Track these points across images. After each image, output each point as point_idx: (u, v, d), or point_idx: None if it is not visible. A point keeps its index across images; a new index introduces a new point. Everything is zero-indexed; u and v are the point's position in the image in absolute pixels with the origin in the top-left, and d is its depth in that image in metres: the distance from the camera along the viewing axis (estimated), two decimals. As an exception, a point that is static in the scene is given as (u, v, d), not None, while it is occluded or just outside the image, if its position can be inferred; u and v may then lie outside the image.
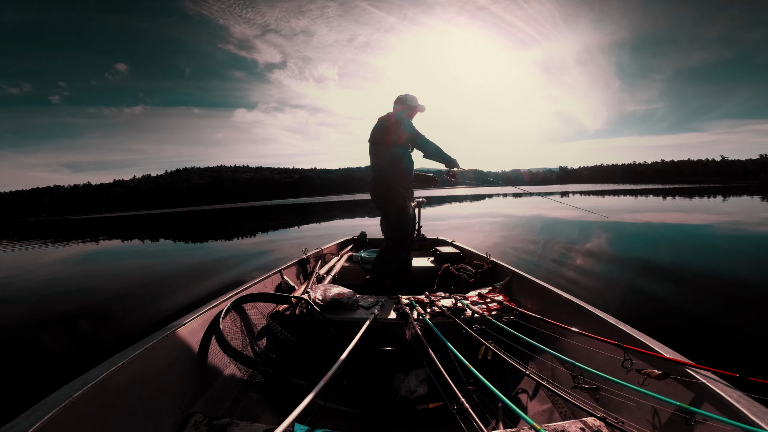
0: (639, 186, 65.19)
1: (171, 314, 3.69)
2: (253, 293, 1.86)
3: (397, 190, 2.57)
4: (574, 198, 27.15)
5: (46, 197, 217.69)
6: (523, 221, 11.23)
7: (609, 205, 17.30)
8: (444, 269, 2.66)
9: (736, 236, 6.81)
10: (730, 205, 14.50)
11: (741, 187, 38.18)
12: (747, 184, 54.86)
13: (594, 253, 5.68)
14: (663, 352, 1.09)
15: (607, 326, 1.35)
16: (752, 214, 10.64)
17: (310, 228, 13.34)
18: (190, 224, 21.75)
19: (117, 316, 3.81)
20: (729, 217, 9.86)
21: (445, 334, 1.50)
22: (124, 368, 1.07)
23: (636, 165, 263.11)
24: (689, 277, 4.14)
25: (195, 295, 4.35)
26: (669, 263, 4.74)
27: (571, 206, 3.48)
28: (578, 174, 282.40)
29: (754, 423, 0.76)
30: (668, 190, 34.52)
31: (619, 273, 4.58)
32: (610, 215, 11.12)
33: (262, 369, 1.42)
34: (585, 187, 73.04)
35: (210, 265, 6.59)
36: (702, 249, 5.64)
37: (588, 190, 50.57)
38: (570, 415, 1.27)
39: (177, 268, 6.46)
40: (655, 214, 11.77)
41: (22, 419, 0.82)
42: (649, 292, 3.68)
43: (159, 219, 34.09)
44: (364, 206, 28.48)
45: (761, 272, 4.18)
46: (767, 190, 28.22)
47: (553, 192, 44.51)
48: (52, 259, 8.95)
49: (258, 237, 11.68)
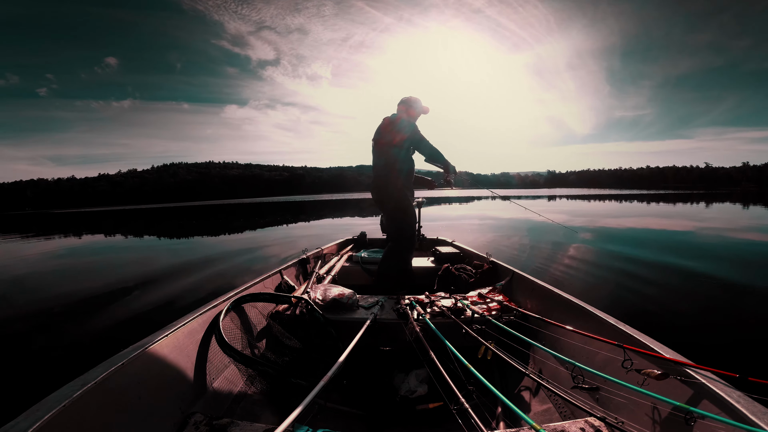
0: (624, 191, 66.31)
1: (152, 313, 3.65)
2: (253, 293, 1.85)
3: (391, 190, 2.58)
4: (561, 202, 27.50)
5: (29, 190, 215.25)
6: (512, 223, 11.40)
7: (592, 209, 17.53)
8: (444, 269, 2.67)
9: (716, 243, 7.02)
10: (712, 212, 14.75)
11: (724, 194, 39.09)
12: (729, 191, 56.25)
13: (573, 256, 5.81)
14: (663, 352, 1.09)
15: (607, 326, 1.36)
16: (733, 221, 10.95)
17: (300, 227, 13.18)
18: (176, 220, 21.29)
19: (94, 315, 3.67)
20: (708, 223, 10.05)
21: (445, 334, 1.50)
22: (124, 368, 1.07)
23: (622, 170, 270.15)
24: (667, 280, 4.22)
25: (180, 293, 4.29)
26: (648, 267, 4.82)
27: (536, 213, 3.59)
28: (565, 178, 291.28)
29: (754, 423, 0.77)
30: (652, 196, 35.19)
31: (603, 274, 4.68)
32: (596, 220, 11.57)
33: (262, 369, 1.41)
34: (571, 192, 74.40)
35: (193, 262, 6.42)
36: (679, 254, 5.77)
37: (574, 194, 51.28)
38: (570, 415, 1.27)
39: (160, 265, 6.28)
40: (637, 219, 12.02)
41: (22, 419, 0.82)
42: (634, 291, 3.76)
43: (144, 214, 33.40)
44: (354, 206, 28.31)
45: (738, 276, 4.28)
46: (749, 198, 28.83)
47: (541, 195, 44.17)
48: (33, 253, 8.74)
49: (246, 234, 11.44)
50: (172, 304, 3.85)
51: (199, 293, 4.22)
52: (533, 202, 26.44)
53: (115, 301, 4.10)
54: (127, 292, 4.49)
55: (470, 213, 16.87)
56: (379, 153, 2.61)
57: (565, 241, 7.20)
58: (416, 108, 2.63)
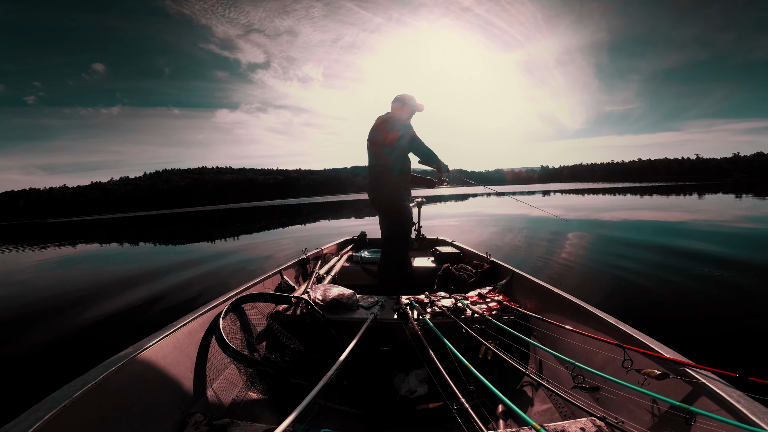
0: (617, 184, 66.97)
1: (150, 316, 3.66)
2: (253, 293, 1.85)
3: (384, 190, 2.56)
4: (555, 196, 27.55)
5: (21, 200, 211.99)
6: (507, 219, 11.42)
7: (587, 203, 17.66)
8: (444, 269, 2.67)
9: (710, 232, 7.01)
10: (705, 203, 14.91)
11: (716, 185, 39.33)
12: (722, 182, 56.99)
13: (570, 250, 5.88)
14: (663, 352, 1.09)
15: (607, 326, 1.35)
16: (725, 211, 10.96)
17: (296, 230, 13.08)
18: (172, 227, 21.11)
19: (92, 321, 3.67)
20: (701, 215, 10.12)
21: (445, 334, 1.50)
22: (124, 368, 1.07)
23: (614, 164, 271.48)
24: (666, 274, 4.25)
25: (175, 300, 4.26)
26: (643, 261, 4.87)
27: (531, 206, 3.61)
28: (559, 173, 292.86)
29: (754, 423, 0.77)
30: (645, 188, 35.52)
31: (599, 267, 4.72)
32: (591, 214, 11.75)
33: (262, 369, 1.41)
34: (566, 186, 75.37)
35: (186, 266, 6.39)
36: (673, 245, 5.78)
37: (569, 188, 51.89)
38: (570, 415, 1.27)
39: (155, 272, 6.21)
40: (632, 212, 12.12)
41: (22, 419, 0.82)
42: (630, 284, 3.79)
43: (138, 222, 33.18)
44: (350, 207, 28.22)
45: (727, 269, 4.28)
46: (741, 188, 28.80)
47: (536, 191, 44.45)
48: (28, 264, 8.71)
49: (242, 239, 11.24)
50: (168, 311, 3.85)
51: (195, 300, 4.20)
52: (528, 197, 26.61)
53: (113, 307, 4.10)
54: (123, 297, 4.48)
55: (466, 211, 16.91)
56: (373, 153, 2.59)
57: (560, 234, 7.26)
58: (410, 105, 2.60)
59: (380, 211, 2.67)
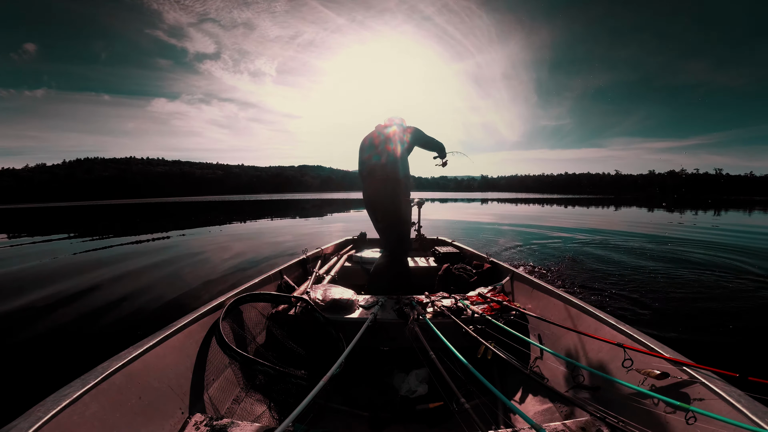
0: (546, 195, 73.21)
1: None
2: (252, 293, 1.85)
3: (383, 190, 2.53)
4: (492, 205, 29.18)
5: None
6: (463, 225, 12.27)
7: (519, 212, 19.26)
8: (444, 269, 2.67)
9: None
10: (621, 215, 17.09)
11: (630, 199, 44.35)
12: (636, 197, 63.80)
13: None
14: (663, 352, 1.09)
15: (606, 326, 1.36)
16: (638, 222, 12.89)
17: (235, 227, 11.95)
18: (92, 220, 18.50)
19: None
20: (618, 226, 11.45)
21: (445, 334, 1.50)
22: (124, 368, 1.07)
23: (545, 176, 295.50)
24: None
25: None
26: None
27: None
28: (497, 183, 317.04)
29: (754, 423, 0.77)
30: (569, 200, 39.55)
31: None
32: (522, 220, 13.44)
33: (262, 369, 1.40)
34: (502, 195, 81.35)
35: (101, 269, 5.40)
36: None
37: (504, 197, 55.74)
38: (570, 414, 1.27)
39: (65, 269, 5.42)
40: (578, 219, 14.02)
41: (22, 419, 0.82)
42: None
43: (53, 212, 30.43)
44: (295, 206, 27.70)
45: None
46: (652, 203, 33.22)
47: (476, 198, 48.69)
48: None
49: (173, 238, 9.42)
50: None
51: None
52: (469, 205, 28.87)
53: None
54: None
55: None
56: (373, 153, 2.57)
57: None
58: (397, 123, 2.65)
59: (378, 211, 2.66)
